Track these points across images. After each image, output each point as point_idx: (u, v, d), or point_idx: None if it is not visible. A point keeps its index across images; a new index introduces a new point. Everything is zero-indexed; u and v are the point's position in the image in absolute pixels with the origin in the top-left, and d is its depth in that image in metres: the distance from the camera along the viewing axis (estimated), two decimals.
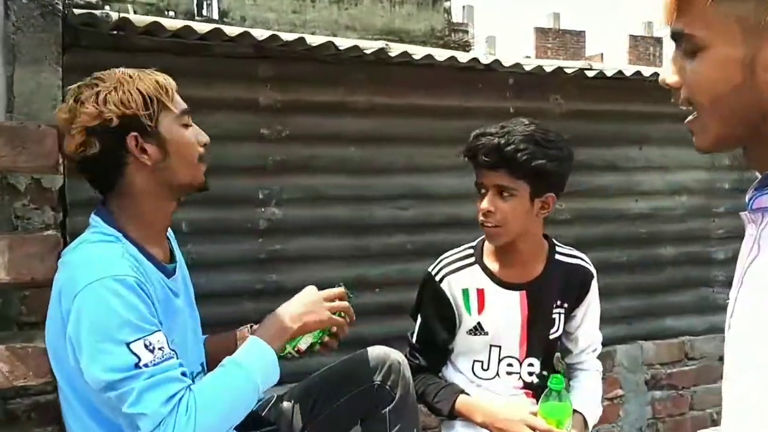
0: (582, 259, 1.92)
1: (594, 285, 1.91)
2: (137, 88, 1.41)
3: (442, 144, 2.69)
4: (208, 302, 2.26)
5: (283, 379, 1.48)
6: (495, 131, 1.69)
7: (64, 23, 2.22)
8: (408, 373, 1.79)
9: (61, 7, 2.22)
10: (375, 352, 1.76)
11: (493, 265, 1.83)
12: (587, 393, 1.89)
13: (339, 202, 2.58)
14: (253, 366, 1.35)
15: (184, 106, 1.48)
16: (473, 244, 1.89)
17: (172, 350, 1.31)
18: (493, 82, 2.85)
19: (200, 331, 1.69)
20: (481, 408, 1.73)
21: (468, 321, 1.84)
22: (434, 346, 1.87)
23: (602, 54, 31.49)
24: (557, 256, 1.87)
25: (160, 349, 1.27)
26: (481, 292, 1.79)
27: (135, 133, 1.39)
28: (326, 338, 1.59)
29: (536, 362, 1.90)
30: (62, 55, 2.19)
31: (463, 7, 27.97)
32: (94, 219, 1.46)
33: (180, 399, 1.24)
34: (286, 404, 1.76)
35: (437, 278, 1.81)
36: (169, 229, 1.64)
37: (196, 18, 13.27)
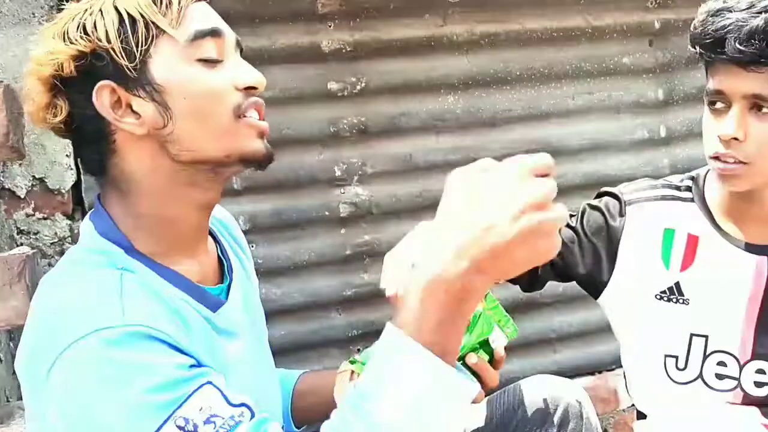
0: None
1: None
2: (115, 6, 0.88)
3: (569, 79, 2.19)
4: (283, 320, 1.95)
5: None
6: (748, 4, 1.10)
7: None
8: (593, 414, 1.21)
9: None
10: (542, 389, 1.21)
11: (720, 211, 1.28)
12: None
13: (440, 170, 2.08)
14: (389, 402, 0.68)
15: (203, 25, 0.89)
16: (692, 174, 1.34)
17: (238, 406, 0.79)
18: None
19: (275, 385, 1.16)
20: None
21: (660, 277, 1.28)
22: (563, 269, 1.36)
23: None
24: None
25: (210, 421, 0.75)
26: (693, 241, 1.27)
27: (107, 83, 0.87)
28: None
29: None
30: (54, 10, 1.69)
31: None
32: (85, 226, 0.94)
33: None
34: None
35: (624, 198, 1.32)
36: (227, 221, 1.14)
37: None
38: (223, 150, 0.90)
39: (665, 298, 1.29)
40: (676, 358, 1.28)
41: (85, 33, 0.86)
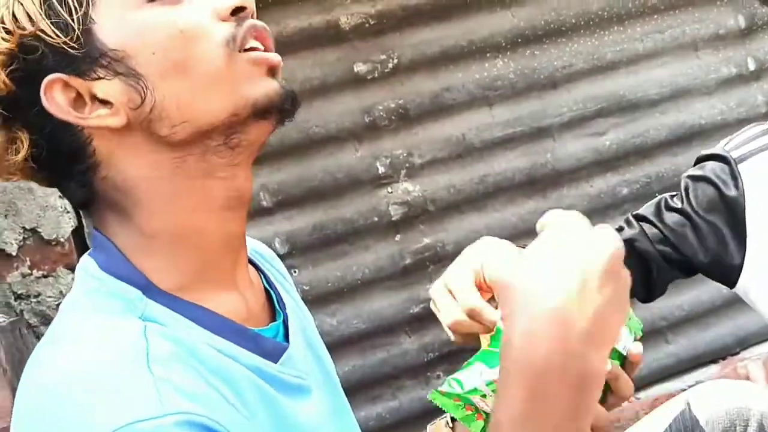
0: None
1: None
2: None
3: (633, 20, 1.98)
4: (345, 352, 1.83)
5: None
6: None
7: None
8: None
9: None
10: (720, 399, 0.99)
11: None
12: None
13: (501, 148, 1.92)
14: None
15: None
16: None
17: None
18: None
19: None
20: None
21: None
22: (682, 262, 1.17)
23: None
24: None
25: None
26: None
27: (53, 77, 0.69)
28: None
29: None
30: None
31: None
32: (84, 265, 0.72)
33: None
34: None
35: (733, 156, 1.15)
36: (263, 251, 0.93)
37: None
38: (225, 105, 0.69)
39: None
40: None
41: (5, 31, 0.68)
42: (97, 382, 0.60)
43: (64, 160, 0.70)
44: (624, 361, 0.79)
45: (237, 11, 0.69)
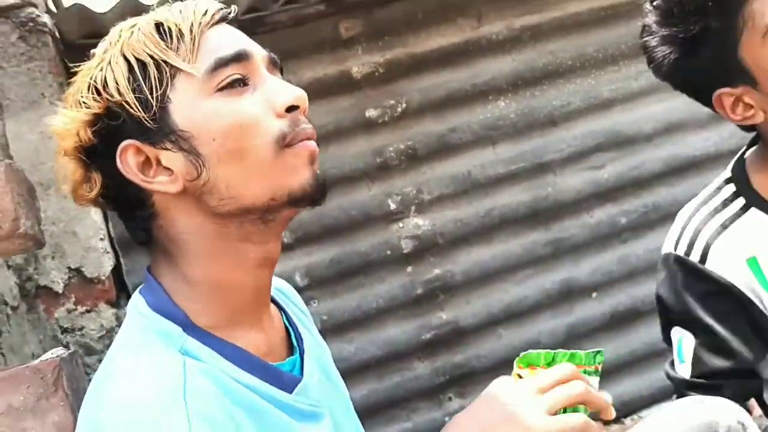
0: None
1: None
2: (122, 54, 0.79)
3: (628, 59, 2.03)
4: (360, 381, 1.86)
5: None
6: None
7: (59, 40, 1.66)
8: None
9: (47, 21, 1.59)
10: (694, 413, 1.02)
11: None
12: None
13: (505, 183, 1.97)
14: None
15: (222, 51, 0.78)
16: (727, 173, 1.16)
17: None
18: None
19: None
20: None
21: None
22: (734, 374, 1.12)
23: None
24: None
25: None
26: None
27: (130, 142, 0.78)
28: None
29: None
30: (65, 85, 1.55)
31: None
32: (135, 302, 0.83)
33: None
34: None
35: (693, 257, 1.13)
36: (286, 289, 1.01)
37: None
38: (266, 192, 0.77)
39: None
40: None
41: (97, 92, 0.77)
42: (141, 411, 0.69)
43: (129, 205, 0.79)
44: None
45: (291, 109, 0.76)
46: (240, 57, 0.75)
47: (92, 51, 0.82)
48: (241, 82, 0.76)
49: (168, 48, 0.75)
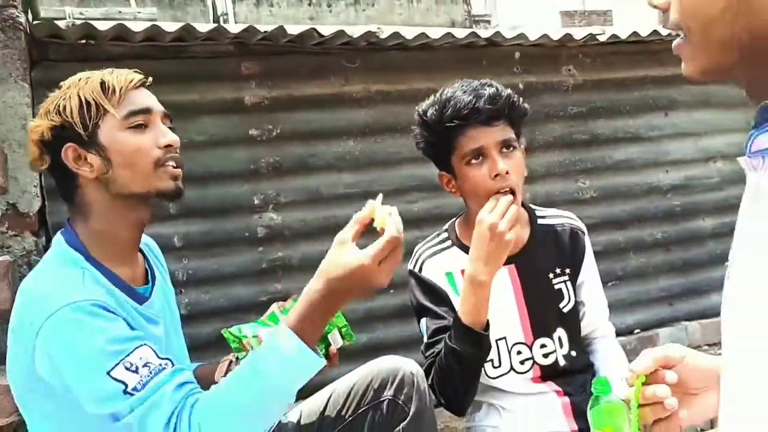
0: (567, 217, 1.70)
1: (587, 242, 1.69)
2: (77, 94, 1.24)
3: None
4: (209, 319, 2.24)
5: None
6: (474, 86, 1.53)
7: (30, 37, 2.12)
8: (424, 383, 1.54)
9: (22, 21, 2.09)
10: (385, 364, 1.54)
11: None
12: (616, 361, 1.67)
13: (342, 201, 2.47)
14: (272, 366, 1.15)
15: (135, 106, 1.26)
16: (445, 227, 1.70)
17: (164, 359, 1.18)
18: (499, 58, 2.68)
19: (187, 361, 1.51)
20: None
21: None
22: (444, 330, 1.60)
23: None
24: (540, 221, 1.66)
25: (145, 366, 1.15)
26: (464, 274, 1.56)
27: (71, 144, 1.23)
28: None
29: (550, 342, 1.66)
30: (29, 71, 2.06)
31: None
32: (58, 238, 1.30)
33: (178, 419, 1.13)
34: (291, 425, 1.57)
35: (417, 269, 1.64)
36: (152, 245, 1.48)
37: None
38: (145, 188, 1.26)
39: None
40: (492, 360, 1.63)
41: (57, 113, 1.24)
42: (57, 289, 1.17)
43: (63, 177, 1.28)
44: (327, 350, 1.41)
45: (168, 146, 1.27)
46: (145, 111, 1.26)
47: (60, 83, 1.27)
48: (143, 126, 1.25)
49: (105, 97, 1.23)
